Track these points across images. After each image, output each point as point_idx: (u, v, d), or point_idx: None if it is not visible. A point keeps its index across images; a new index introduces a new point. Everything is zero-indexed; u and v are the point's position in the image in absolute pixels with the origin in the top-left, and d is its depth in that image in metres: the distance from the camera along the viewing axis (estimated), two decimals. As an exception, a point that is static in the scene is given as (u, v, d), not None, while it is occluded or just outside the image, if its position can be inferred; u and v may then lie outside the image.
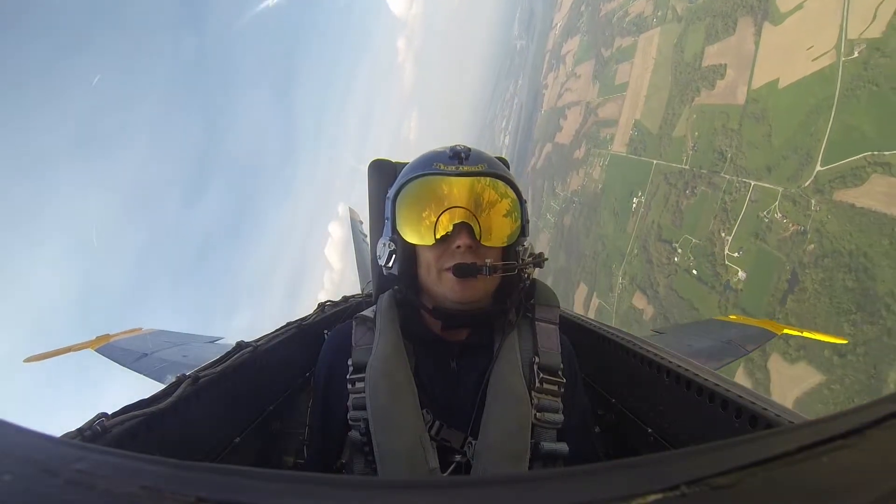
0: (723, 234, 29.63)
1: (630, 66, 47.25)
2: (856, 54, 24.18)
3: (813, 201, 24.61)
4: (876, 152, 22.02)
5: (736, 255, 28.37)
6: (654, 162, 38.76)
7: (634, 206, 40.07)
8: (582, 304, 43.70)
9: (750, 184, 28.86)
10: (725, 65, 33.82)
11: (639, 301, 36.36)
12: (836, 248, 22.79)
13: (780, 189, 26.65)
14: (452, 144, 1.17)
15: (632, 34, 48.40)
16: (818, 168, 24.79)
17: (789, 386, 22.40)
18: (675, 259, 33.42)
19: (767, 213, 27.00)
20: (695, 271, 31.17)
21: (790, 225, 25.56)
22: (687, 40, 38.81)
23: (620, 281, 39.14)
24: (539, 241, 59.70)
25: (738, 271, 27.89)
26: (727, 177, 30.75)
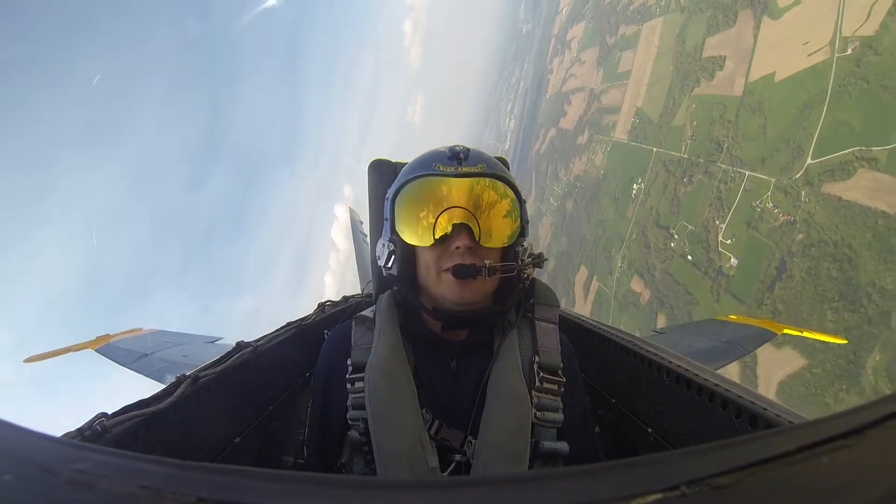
0: (717, 222, 30.07)
1: (633, 54, 46.65)
2: (849, 51, 24.23)
3: (803, 193, 24.99)
4: (864, 147, 22.34)
5: (729, 242, 28.87)
6: (654, 150, 38.79)
7: (634, 192, 40.26)
8: (582, 286, 44.32)
9: (744, 174, 29.12)
10: (725, 56, 33.63)
11: (636, 285, 36.91)
12: (823, 238, 23.28)
13: (773, 180, 26.95)
14: (452, 145, 1.15)
15: (636, 22, 47.71)
16: (809, 161, 25.09)
17: (774, 369, 23.17)
18: (672, 245, 33.88)
19: (760, 202, 27.36)
20: (690, 257, 31.69)
21: (781, 215, 25.98)
22: (689, 31, 38.40)
23: (619, 265, 39.62)
24: (542, 225, 59.99)
25: (730, 258, 28.43)
26: (723, 166, 30.97)
